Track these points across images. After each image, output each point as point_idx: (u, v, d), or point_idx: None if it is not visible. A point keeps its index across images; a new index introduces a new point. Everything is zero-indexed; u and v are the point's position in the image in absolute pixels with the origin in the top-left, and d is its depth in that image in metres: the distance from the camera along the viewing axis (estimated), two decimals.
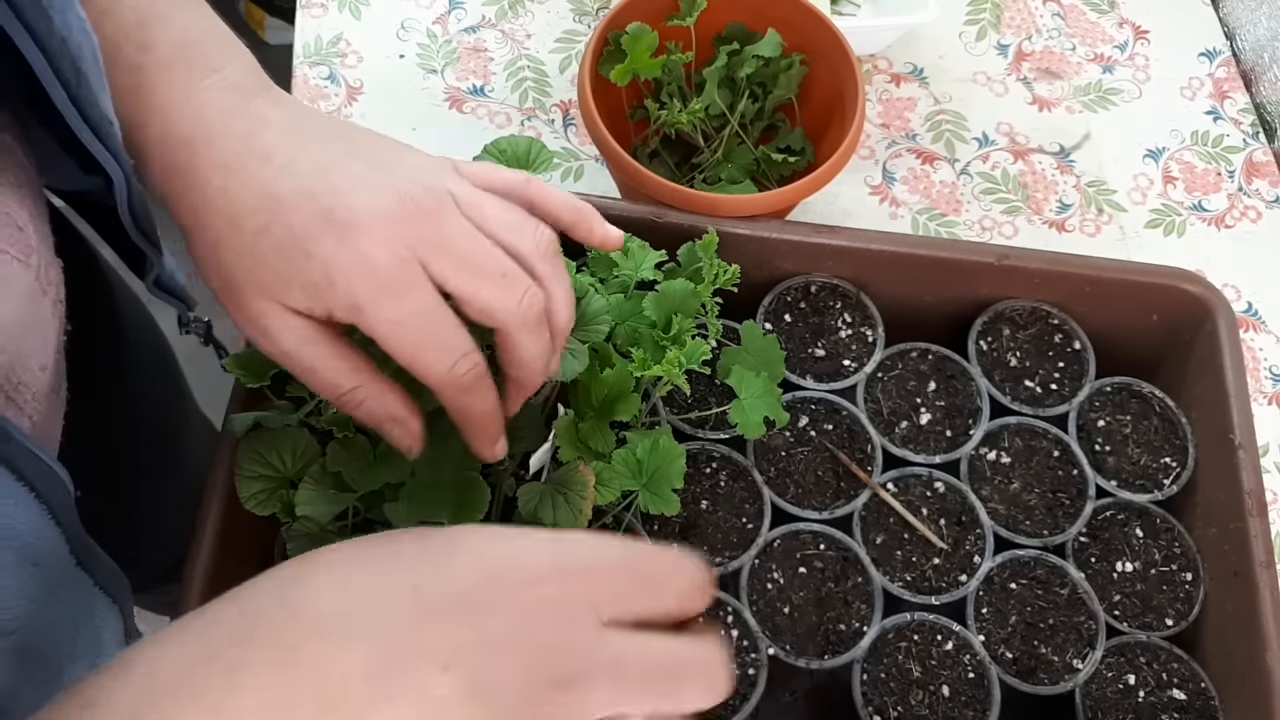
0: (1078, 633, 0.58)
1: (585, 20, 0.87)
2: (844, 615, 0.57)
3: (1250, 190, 0.84)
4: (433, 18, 0.86)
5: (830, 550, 0.59)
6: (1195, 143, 0.86)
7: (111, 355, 0.68)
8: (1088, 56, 0.89)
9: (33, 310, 0.40)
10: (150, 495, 0.74)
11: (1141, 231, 0.81)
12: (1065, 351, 0.66)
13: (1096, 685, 0.57)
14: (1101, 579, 0.60)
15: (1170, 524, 0.62)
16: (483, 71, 0.84)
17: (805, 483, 0.61)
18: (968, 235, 0.80)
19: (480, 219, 0.44)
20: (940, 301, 0.66)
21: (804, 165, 0.73)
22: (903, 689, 0.56)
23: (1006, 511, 0.61)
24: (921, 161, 0.83)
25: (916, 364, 0.65)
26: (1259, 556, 0.57)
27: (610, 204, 0.64)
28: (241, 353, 0.56)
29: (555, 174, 0.80)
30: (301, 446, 0.53)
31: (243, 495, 0.53)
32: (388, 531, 0.35)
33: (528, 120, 0.82)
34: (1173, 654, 0.58)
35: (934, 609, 0.58)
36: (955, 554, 0.59)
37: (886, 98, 0.86)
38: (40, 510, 0.37)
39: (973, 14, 0.90)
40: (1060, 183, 0.83)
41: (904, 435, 0.62)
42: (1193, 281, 0.65)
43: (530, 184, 0.48)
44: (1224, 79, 0.89)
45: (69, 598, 0.41)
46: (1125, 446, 0.63)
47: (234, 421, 0.54)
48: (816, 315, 0.65)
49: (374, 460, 0.53)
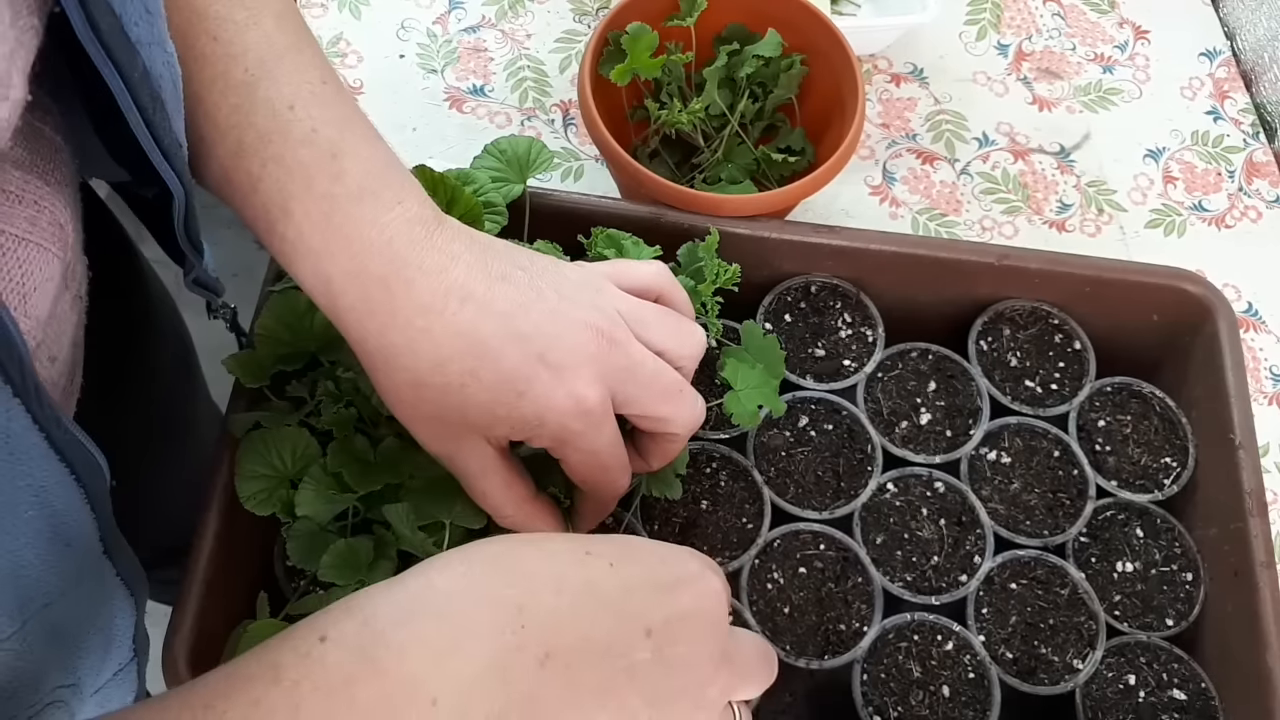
0: (1078, 633, 0.58)
1: (585, 20, 0.87)
2: (844, 615, 0.57)
3: (1250, 190, 0.84)
4: (433, 18, 0.86)
5: (830, 550, 0.59)
6: (1195, 143, 0.86)
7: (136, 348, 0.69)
8: (1088, 56, 0.89)
9: (57, 304, 0.41)
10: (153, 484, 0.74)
11: (1141, 231, 0.81)
12: (1065, 351, 0.66)
13: (1097, 685, 0.57)
14: (1102, 579, 0.60)
15: (1170, 524, 0.62)
16: (483, 71, 0.84)
17: (805, 483, 0.61)
18: (968, 235, 0.80)
19: (647, 336, 0.47)
20: (940, 301, 0.66)
21: (804, 165, 0.73)
22: (903, 689, 0.56)
23: (1006, 511, 0.61)
24: (921, 161, 0.83)
25: (916, 364, 0.65)
26: (1259, 556, 0.57)
27: (610, 204, 0.64)
28: (241, 353, 0.56)
29: (555, 174, 0.80)
30: (301, 446, 0.53)
31: (243, 495, 0.53)
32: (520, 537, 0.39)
33: (528, 120, 0.82)
34: (1173, 654, 0.58)
35: (934, 609, 0.58)
36: (955, 554, 0.59)
37: (886, 98, 0.86)
38: (78, 494, 0.38)
39: (973, 14, 0.90)
40: (1060, 183, 0.83)
41: (904, 435, 0.62)
42: (1193, 281, 0.65)
43: (659, 277, 0.51)
44: (1224, 79, 0.89)
45: (91, 589, 0.42)
46: (1125, 446, 0.63)
47: (234, 421, 0.54)
48: (816, 315, 0.65)
49: (374, 460, 0.53)
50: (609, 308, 0.46)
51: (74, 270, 0.42)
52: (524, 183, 0.60)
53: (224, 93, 0.44)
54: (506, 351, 0.43)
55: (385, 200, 0.44)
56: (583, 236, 0.60)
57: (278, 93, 0.45)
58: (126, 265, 0.68)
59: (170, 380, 0.77)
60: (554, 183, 0.80)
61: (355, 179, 0.44)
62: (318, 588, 0.54)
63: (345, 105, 0.47)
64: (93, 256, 0.45)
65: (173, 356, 0.76)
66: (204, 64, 0.45)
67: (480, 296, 0.44)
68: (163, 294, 0.75)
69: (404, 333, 0.43)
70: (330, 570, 0.51)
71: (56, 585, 0.39)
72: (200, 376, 0.84)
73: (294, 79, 0.45)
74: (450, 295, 0.43)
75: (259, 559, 0.57)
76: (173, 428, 0.78)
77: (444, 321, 0.43)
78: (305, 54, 0.47)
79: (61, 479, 0.37)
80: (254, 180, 0.44)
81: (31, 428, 0.35)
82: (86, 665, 0.43)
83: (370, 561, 0.51)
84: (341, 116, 0.46)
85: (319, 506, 0.52)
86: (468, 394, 0.43)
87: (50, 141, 0.40)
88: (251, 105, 0.44)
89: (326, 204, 0.44)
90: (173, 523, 0.62)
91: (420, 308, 0.43)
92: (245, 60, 0.45)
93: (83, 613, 0.41)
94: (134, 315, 0.69)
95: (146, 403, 0.71)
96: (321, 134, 0.44)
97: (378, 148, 0.47)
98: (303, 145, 0.44)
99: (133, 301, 0.69)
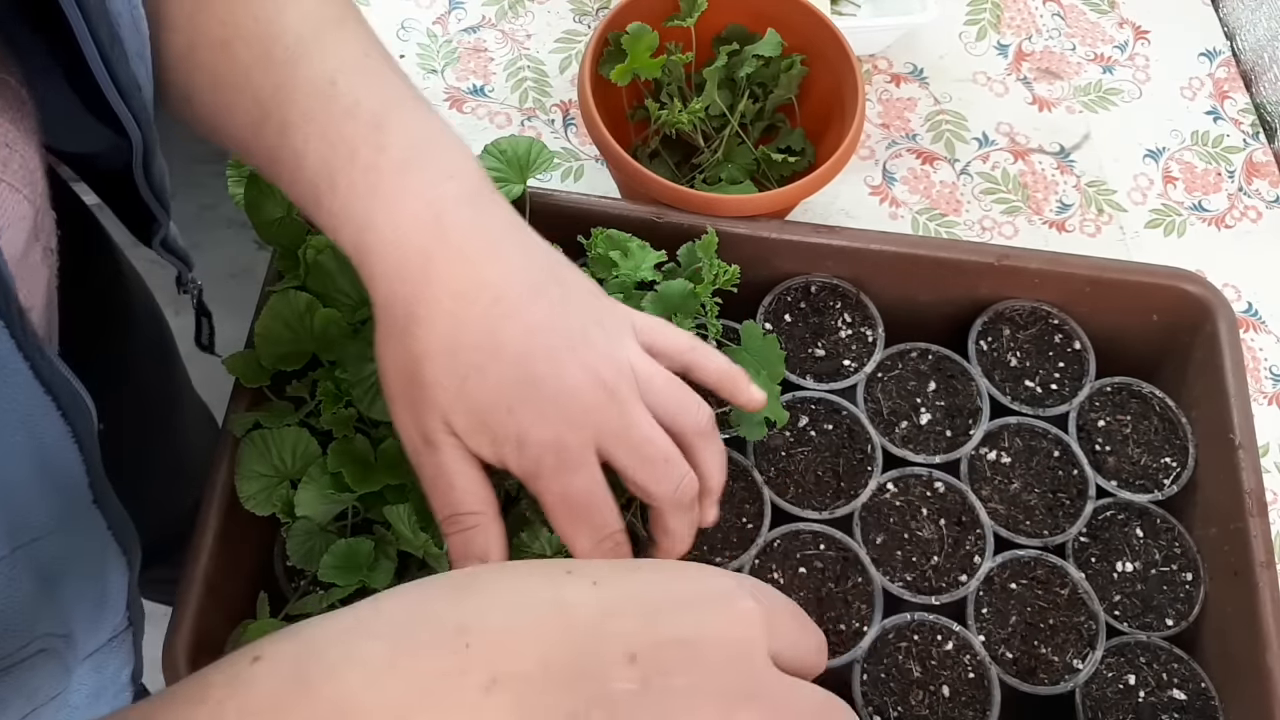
0: (1078, 633, 0.58)
1: (585, 20, 0.87)
2: (844, 615, 0.57)
3: (1250, 190, 0.84)
4: (433, 18, 0.86)
5: (830, 550, 0.59)
6: (1195, 143, 0.86)
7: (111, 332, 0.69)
8: (1088, 56, 0.89)
9: (29, 252, 0.41)
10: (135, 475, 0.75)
11: (1141, 231, 0.81)
12: (1065, 351, 0.66)
13: (1096, 685, 0.57)
14: (1101, 579, 0.60)
15: (1170, 524, 0.62)
16: (483, 71, 0.84)
17: (805, 483, 0.61)
18: (968, 235, 0.80)
19: (651, 398, 0.46)
20: (940, 301, 0.66)
21: (804, 165, 0.73)
22: (903, 689, 0.56)
23: (1006, 511, 0.61)
24: (921, 161, 0.83)
25: (916, 364, 0.65)
26: (1259, 556, 0.57)
27: (610, 204, 0.64)
28: (241, 353, 0.56)
29: (555, 174, 0.80)
30: (302, 446, 0.53)
31: (243, 494, 0.53)
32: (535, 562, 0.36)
33: (528, 120, 0.82)
34: (1173, 654, 0.58)
35: (934, 609, 0.58)
36: (955, 554, 0.59)
37: (886, 98, 0.86)
38: (65, 430, 0.38)
39: (973, 14, 0.90)
40: (1060, 183, 0.83)
41: (904, 435, 0.62)
42: (1193, 281, 0.65)
43: (693, 351, 0.50)
44: (1224, 79, 0.89)
45: (83, 538, 0.42)
46: (1125, 446, 0.63)
47: (234, 421, 0.55)
48: (816, 315, 0.65)
49: (374, 461, 0.53)
50: (623, 361, 0.46)
51: (43, 222, 0.42)
52: (524, 183, 0.60)
53: (266, 72, 0.45)
54: (514, 366, 0.43)
55: (432, 174, 0.44)
56: (583, 237, 0.60)
57: (319, 68, 0.45)
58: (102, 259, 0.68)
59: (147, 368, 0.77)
60: (554, 183, 0.80)
61: (400, 151, 0.44)
62: (318, 588, 0.55)
63: (390, 77, 0.47)
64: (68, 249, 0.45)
65: (148, 344, 0.77)
66: (248, 45, 0.45)
67: (511, 303, 0.44)
68: (141, 287, 0.75)
69: (430, 308, 0.43)
70: (330, 570, 0.51)
71: (45, 522, 0.39)
72: (181, 370, 0.84)
73: (336, 53, 0.45)
74: (484, 290, 0.43)
75: (259, 559, 0.57)
76: (151, 416, 0.78)
77: (471, 313, 0.43)
78: (348, 28, 0.47)
79: (48, 411, 0.37)
80: (299, 157, 0.44)
81: (16, 354, 0.35)
82: (79, 618, 0.43)
83: (370, 561, 0.51)
84: (386, 88, 0.46)
85: (319, 506, 0.52)
86: (466, 389, 0.43)
87: (16, 93, 0.40)
88: (294, 83, 0.44)
89: (372, 176, 0.44)
90: (161, 518, 0.62)
91: (453, 292, 0.43)
92: (285, 39, 0.45)
93: (73, 559, 0.41)
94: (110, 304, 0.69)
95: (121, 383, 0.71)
96: (364, 106, 0.44)
97: (425, 118, 0.46)
98: (346, 119, 0.44)
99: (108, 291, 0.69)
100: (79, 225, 0.62)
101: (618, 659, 0.30)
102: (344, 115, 0.44)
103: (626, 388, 0.45)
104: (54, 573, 0.40)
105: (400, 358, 0.44)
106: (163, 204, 0.49)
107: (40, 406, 0.37)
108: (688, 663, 0.31)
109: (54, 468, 0.38)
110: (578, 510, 0.45)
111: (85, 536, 0.42)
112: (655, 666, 0.30)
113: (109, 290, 0.69)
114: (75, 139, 0.45)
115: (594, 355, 0.45)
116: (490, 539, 0.45)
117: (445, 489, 0.45)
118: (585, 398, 0.44)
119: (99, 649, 0.46)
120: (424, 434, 0.45)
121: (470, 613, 0.31)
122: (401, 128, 0.45)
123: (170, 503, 0.73)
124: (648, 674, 0.30)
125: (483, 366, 0.43)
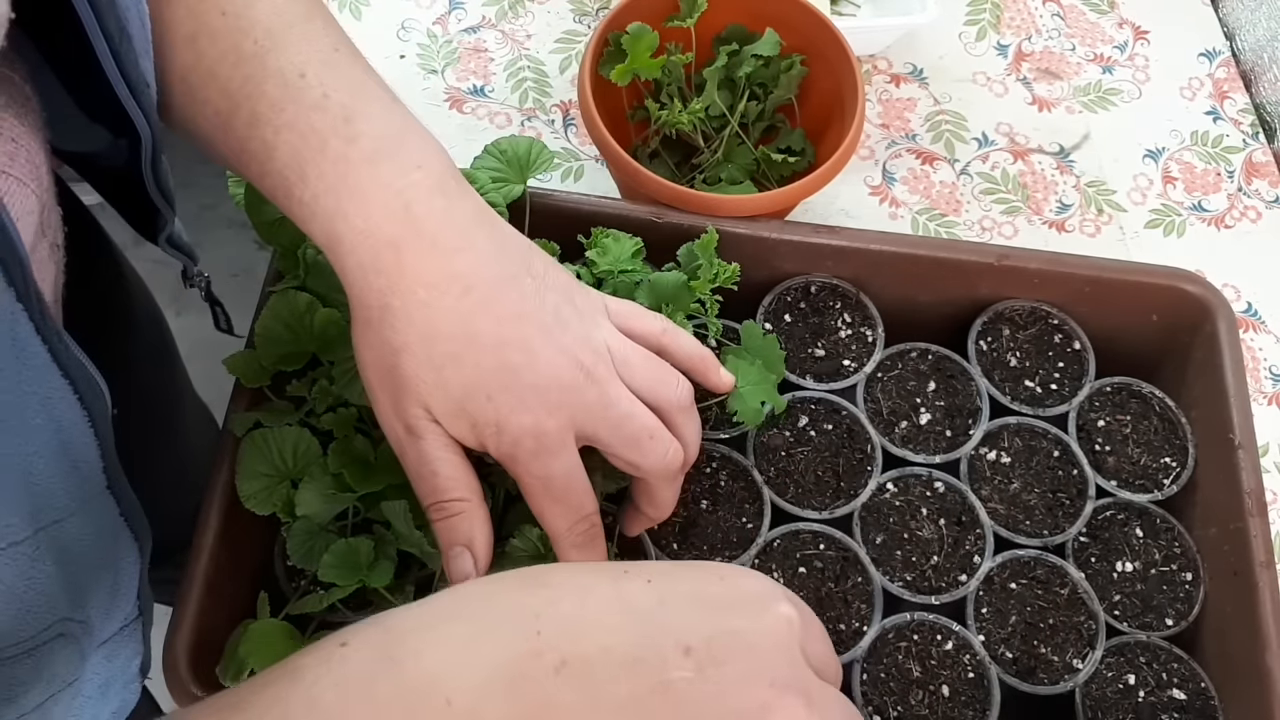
0: (1078, 633, 0.58)
1: (585, 20, 0.87)
2: (844, 615, 0.57)
3: (1250, 190, 0.84)
4: (433, 18, 0.86)
5: (830, 550, 0.59)
6: (1195, 143, 0.86)
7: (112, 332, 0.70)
8: (1087, 57, 0.89)
9: (37, 246, 0.41)
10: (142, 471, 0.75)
11: (1141, 232, 0.82)
12: (1065, 351, 0.66)
13: (1096, 685, 0.57)
14: (1101, 579, 0.60)
15: (1170, 524, 0.62)
16: (483, 72, 0.84)
17: (805, 483, 0.61)
18: (968, 235, 0.80)
19: (629, 376, 0.47)
20: (940, 301, 0.66)
21: (804, 166, 0.73)
22: (903, 689, 0.56)
23: (1006, 511, 0.61)
24: (921, 162, 0.83)
25: (916, 364, 0.65)
26: (1259, 556, 0.57)
27: (610, 204, 0.64)
28: (241, 353, 0.56)
29: (555, 174, 0.80)
30: (302, 446, 0.53)
31: (243, 494, 0.53)
32: None
33: (528, 120, 0.82)
34: (1173, 654, 0.58)
35: (934, 609, 0.58)
36: (955, 554, 0.59)
37: (886, 98, 0.86)
38: (81, 413, 0.39)
39: (972, 14, 0.91)
40: (1060, 183, 0.83)
41: (904, 435, 0.62)
42: (1192, 282, 0.65)
43: (665, 335, 0.51)
44: (1224, 79, 0.89)
45: (99, 522, 0.42)
46: (1125, 446, 0.63)
47: (234, 421, 0.55)
48: (816, 315, 0.65)
49: (374, 461, 0.53)
50: (599, 342, 0.47)
51: (49, 217, 0.42)
52: (524, 183, 0.60)
53: (235, 65, 0.45)
54: (490, 354, 0.44)
55: (402, 164, 0.45)
56: (583, 237, 0.60)
57: (288, 61, 0.45)
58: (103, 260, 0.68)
59: (148, 370, 0.77)
60: (554, 183, 0.80)
61: (369, 142, 0.45)
62: (318, 587, 0.55)
63: (358, 70, 0.47)
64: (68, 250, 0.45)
65: (150, 346, 0.77)
66: (215, 39, 0.45)
67: (484, 292, 0.44)
68: (142, 289, 0.75)
69: (404, 299, 0.44)
70: (330, 570, 0.51)
71: (65, 504, 0.39)
72: (182, 371, 0.84)
73: (304, 47, 0.46)
74: (456, 280, 0.44)
75: (259, 559, 0.57)
76: (153, 419, 0.78)
77: (444, 303, 0.44)
78: (316, 23, 0.47)
79: (65, 394, 0.38)
80: (269, 149, 0.45)
81: (35, 337, 0.35)
82: (95, 604, 0.43)
83: (370, 561, 0.51)
84: (354, 81, 0.46)
85: (319, 506, 0.52)
86: (444, 378, 0.44)
87: (20, 89, 0.40)
88: (263, 75, 0.45)
89: (342, 166, 0.44)
90: (166, 520, 0.62)
91: (426, 283, 0.44)
92: (254, 32, 0.45)
93: (90, 543, 0.42)
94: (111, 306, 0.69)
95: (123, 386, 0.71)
96: (333, 99, 0.45)
97: (394, 111, 0.47)
98: (315, 110, 0.44)
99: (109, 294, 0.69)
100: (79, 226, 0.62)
101: (674, 649, 0.34)
102: (313, 107, 0.45)
103: (604, 368, 0.46)
104: (72, 556, 0.41)
105: (378, 350, 0.45)
106: (168, 199, 0.49)
107: (58, 390, 0.37)
108: (739, 651, 0.34)
109: (72, 450, 0.39)
110: (556, 493, 0.45)
111: (100, 522, 0.43)
112: (709, 657, 0.34)
113: (110, 292, 0.69)
114: (78, 138, 0.45)
115: (569, 338, 0.45)
116: (475, 524, 0.46)
117: (429, 476, 0.45)
118: (563, 381, 0.44)
119: (111, 637, 0.46)
120: (406, 423, 0.45)
121: (542, 601, 0.34)
122: (371, 119, 0.45)
123: (175, 505, 0.74)
124: (701, 663, 0.34)
125: (459, 356, 0.44)
